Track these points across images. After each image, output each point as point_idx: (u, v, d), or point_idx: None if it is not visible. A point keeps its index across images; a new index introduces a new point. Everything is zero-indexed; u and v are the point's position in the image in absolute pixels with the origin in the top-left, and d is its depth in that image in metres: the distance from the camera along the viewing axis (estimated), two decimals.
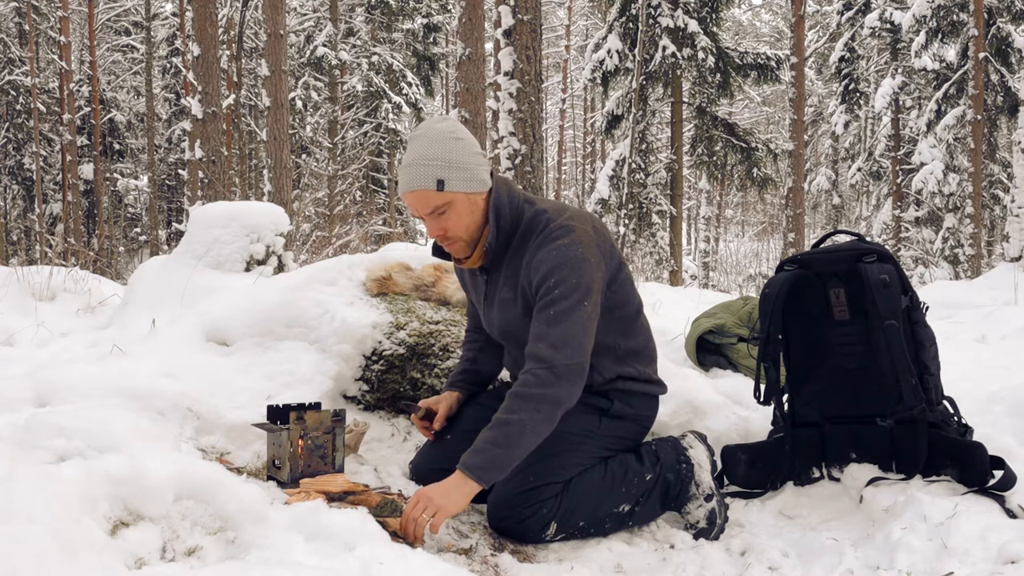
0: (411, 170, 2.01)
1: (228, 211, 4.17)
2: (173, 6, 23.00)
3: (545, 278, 2.02)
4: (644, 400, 2.27)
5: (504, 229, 2.11)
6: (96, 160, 22.02)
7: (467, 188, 2.03)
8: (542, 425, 1.95)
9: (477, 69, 7.91)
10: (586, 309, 2.01)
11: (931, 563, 1.82)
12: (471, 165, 2.03)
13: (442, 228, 2.06)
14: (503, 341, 2.29)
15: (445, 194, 2.01)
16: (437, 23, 20.61)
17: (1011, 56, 15.83)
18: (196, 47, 11.10)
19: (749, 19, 33.60)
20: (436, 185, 1.99)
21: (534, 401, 1.94)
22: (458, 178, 2.01)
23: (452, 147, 2.01)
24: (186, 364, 2.52)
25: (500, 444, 1.91)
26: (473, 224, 2.08)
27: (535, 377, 1.96)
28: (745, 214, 33.47)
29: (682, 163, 15.85)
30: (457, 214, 2.05)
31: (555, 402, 1.96)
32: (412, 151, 2.03)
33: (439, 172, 1.99)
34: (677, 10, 14.23)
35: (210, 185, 11.13)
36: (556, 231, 2.05)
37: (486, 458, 1.90)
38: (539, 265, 2.03)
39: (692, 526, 2.20)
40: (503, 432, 1.92)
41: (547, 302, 2.01)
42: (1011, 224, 8.70)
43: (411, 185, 2.01)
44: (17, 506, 1.33)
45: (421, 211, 2.04)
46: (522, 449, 1.94)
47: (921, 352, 2.24)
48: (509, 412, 1.94)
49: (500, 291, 2.17)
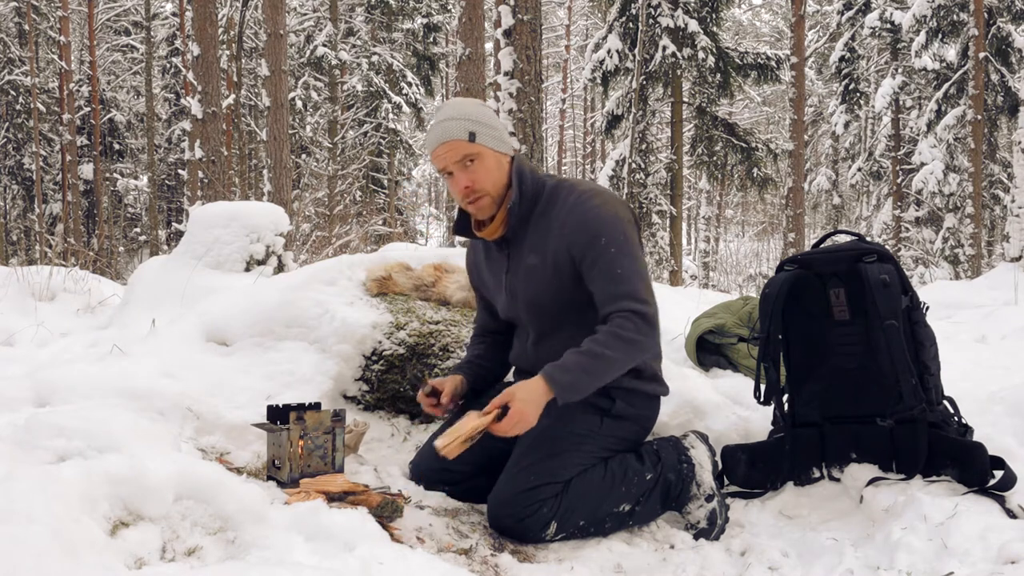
0: (443, 125, 2.13)
1: (228, 211, 4.17)
2: (173, 6, 23.00)
3: (593, 239, 2.10)
4: (646, 400, 2.27)
5: (527, 195, 2.19)
6: (96, 160, 22.02)
7: (495, 146, 2.15)
8: (627, 366, 2.09)
9: (477, 69, 7.91)
10: (643, 260, 2.13)
11: (931, 563, 1.82)
12: (498, 126, 2.17)
13: (470, 179, 2.13)
14: (521, 313, 2.26)
15: (475, 145, 2.12)
16: (437, 23, 20.61)
17: (1011, 56, 15.82)
18: (196, 47, 11.10)
19: (749, 19, 33.61)
20: (468, 136, 2.11)
21: (629, 344, 2.05)
22: (488, 134, 2.13)
23: (481, 110, 2.17)
24: (186, 364, 2.53)
25: (588, 372, 2.02)
26: (500, 181, 2.16)
27: (632, 323, 2.05)
28: (745, 214, 33.47)
29: (682, 163, 15.85)
30: (485, 167, 2.13)
31: (646, 349, 2.09)
32: (443, 112, 2.16)
33: (471, 126, 2.12)
34: (677, 10, 14.23)
35: (210, 185, 11.13)
36: (588, 194, 2.16)
37: (572, 379, 2.01)
38: (581, 227, 2.11)
39: (692, 526, 2.19)
40: (594, 363, 2.02)
41: (609, 260, 2.09)
42: (1011, 224, 8.70)
43: (443, 136, 2.12)
44: (17, 506, 1.33)
45: (450, 160, 2.12)
46: (602, 382, 2.06)
47: (921, 352, 2.23)
48: (605, 347, 2.03)
49: (526, 259, 2.20)
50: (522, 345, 2.33)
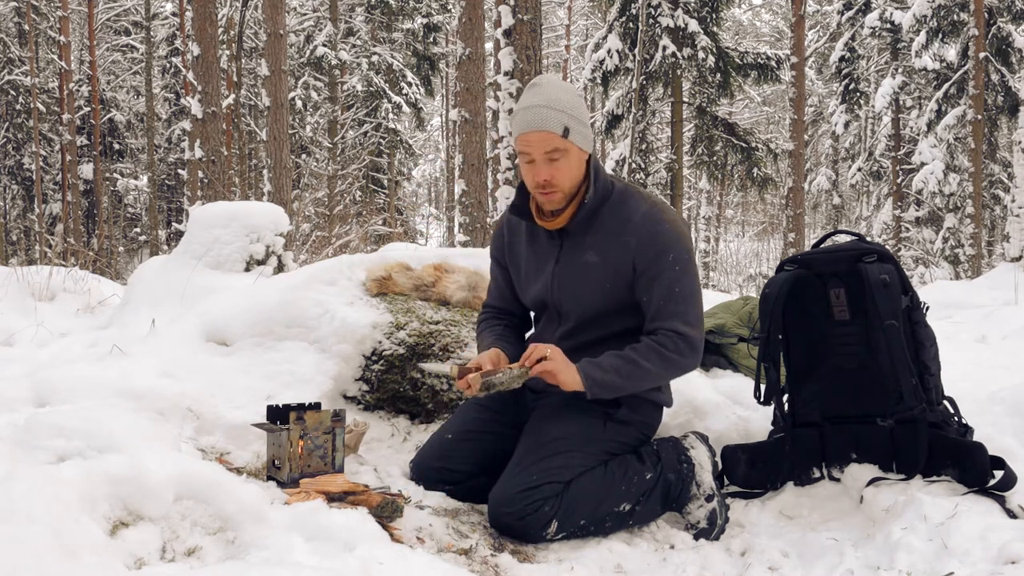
0: (541, 111, 2.08)
1: (228, 211, 4.17)
2: (173, 6, 22.99)
3: (663, 252, 2.13)
4: (650, 408, 2.28)
5: (599, 193, 2.20)
6: (96, 160, 22.01)
7: (583, 144, 2.15)
8: (661, 381, 2.19)
9: (477, 69, 7.91)
10: (699, 285, 2.21)
11: (931, 563, 1.82)
12: (587, 124, 2.16)
13: (551, 173, 2.12)
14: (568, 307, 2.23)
15: (567, 141, 2.10)
16: (437, 23, 20.60)
17: (1011, 56, 15.82)
18: (196, 47, 11.10)
19: (749, 19, 33.59)
20: (563, 131, 2.09)
21: (667, 363, 2.12)
22: (580, 132, 2.13)
23: (578, 103, 2.14)
24: (186, 364, 2.53)
25: (622, 376, 2.11)
26: (576, 179, 2.17)
27: (675, 344, 2.12)
28: (745, 214, 33.46)
29: (682, 163, 15.85)
30: (568, 164, 2.13)
31: (684, 370, 2.17)
32: (540, 94, 2.10)
33: (568, 120, 2.09)
34: (677, 10, 14.22)
35: (210, 185, 11.13)
36: (663, 207, 2.19)
37: (605, 378, 2.10)
38: (652, 239, 2.14)
39: (692, 526, 2.19)
40: (629, 369, 2.10)
41: (672, 278, 2.13)
42: (1011, 224, 8.70)
43: (538, 125, 2.08)
44: (17, 506, 1.33)
45: (538, 150, 2.10)
46: (634, 389, 2.15)
47: (921, 352, 2.23)
48: (644, 358, 2.11)
49: (585, 255, 2.20)
50: (549, 333, 2.30)
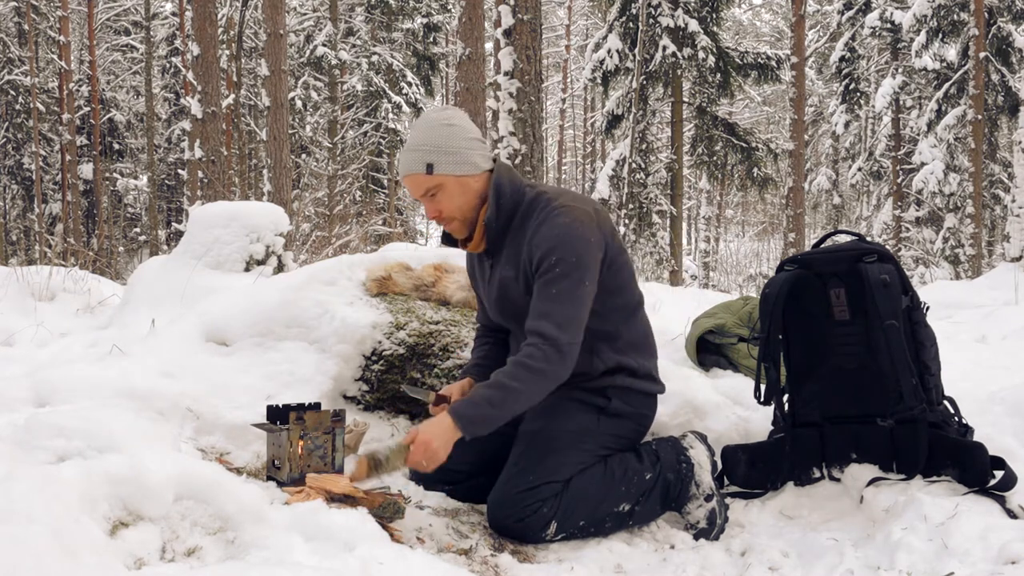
0: (405, 156, 2.17)
1: (228, 211, 4.17)
2: (173, 6, 22.99)
3: (546, 255, 2.09)
4: (642, 398, 2.27)
5: (504, 208, 2.19)
6: (96, 160, 22.01)
7: (456, 171, 2.14)
8: (536, 397, 2.07)
9: (477, 69, 7.91)
10: (586, 288, 2.09)
11: (931, 563, 1.82)
12: (461, 149, 2.14)
13: (436, 209, 2.17)
14: (504, 321, 2.30)
15: (434, 177, 2.13)
16: (437, 23, 20.60)
17: (1012, 56, 15.82)
18: (196, 47, 11.10)
19: (749, 19, 33.58)
20: (425, 169, 2.12)
21: (537, 375, 2.04)
22: (447, 161, 2.13)
23: (443, 132, 2.13)
24: (186, 364, 2.52)
25: (495, 405, 2.02)
26: (466, 205, 2.18)
27: (541, 352, 2.04)
28: (745, 214, 33.46)
29: (682, 163, 15.84)
30: (448, 195, 2.15)
31: (555, 379, 2.07)
32: (409, 139, 2.19)
33: (428, 156, 2.12)
34: (677, 10, 14.22)
35: (210, 185, 11.13)
36: (557, 210, 2.14)
37: (478, 413, 2.02)
38: (540, 242, 2.11)
39: (692, 526, 2.19)
40: (500, 395, 2.03)
41: (549, 279, 2.08)
42: (1012, 224, 8.70)
43: (404, 170, 2.16)
44: (17, 506, 1.33)
45: (415, 193, 2.17)
46: (511, 414, 2.06)
47: (921, 352, 2.23)
48: (511, 379, 2.04)
49: (502, 270, 2.22)
50: (515, 348, 2.34)
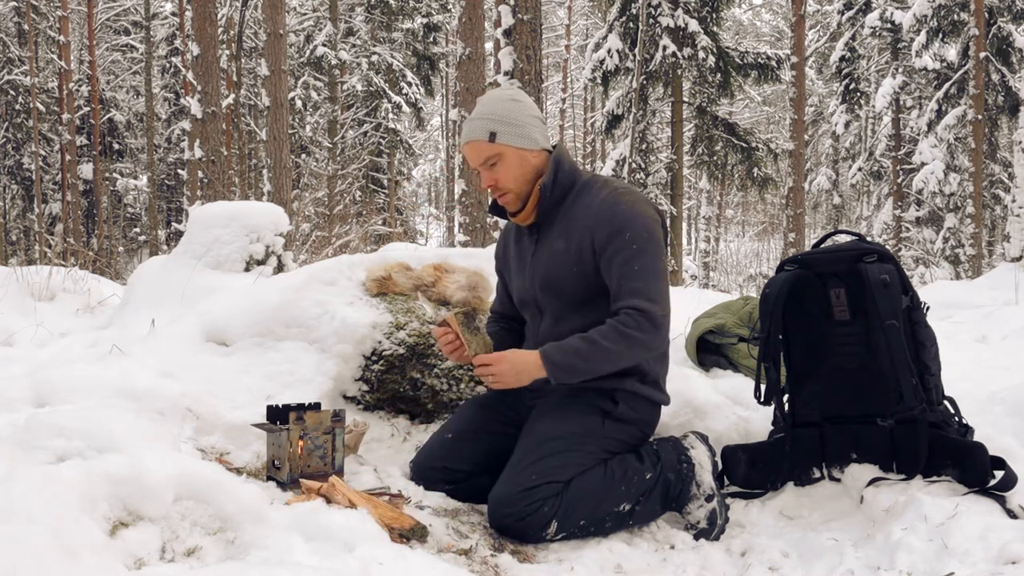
0: (468, 124, 2.23)
1: (228, 211, 4.17)
2: (172, 6, 22.98)
3: (617, 232, 2.14)
4: (648, 406, 2.28)
5: (561, 182, 2.24)
6: (95, 160, 22.00)
7: (517, 143, 2.20)
8: (625, 361, 2.14)
9: (477, 69, 7.91)
10: (663, 262, 2.16)
11: (931, 563, 1.82)
12: (523, 123, 2.21)
13: (493, 178, 2.22)
14: (542, 296, 2.28)
15: (496, 146, 2.19)
16: (437, 23, 20.59)
17: (1012, 56, 15.81)
18: (195, 47, 11.10)
19: (749, 19, 33.57)
20: (488, 137, 2.18)
21: (628, 340, 2.09)
22: (509, 133, 2.19)
23: (508, 107, 2.21)
24: (186, 364, 2.52)
25: (584, 357, 2.10)
26: (522, 177, 2.22)
27: (636, 321, 2.10)
28: (745, 214, 33.45)
29: (682, 163, 15.84)
30: (507, 166, 2.20)
31: (647, 347, 2.13)
32: (474, 111, 2.25)
33: (492, 126, 2.19)
34: (677, 10, 14.22)
35: (210, 185, 11.13)
36: (620, 191, 2.22)
37: (567, 362, 2.10)
38: (606, 218, 2.16)
39: (693, 526, 2.19)
40: (591, 350, 2.10)
41: (628, 256, 2.12)
42: (1012, 224, 8.70)
43: (467, 136, 2.22)
44: (17, 506, 1.33)
45: (474, 162, 2.23)
46: (599, 372, 2.13)
47: (922, 352, 2.23)
48: (605, 338, 2.10)
49: (553, 243, 2.25)
50: (532, 331, 2.35)
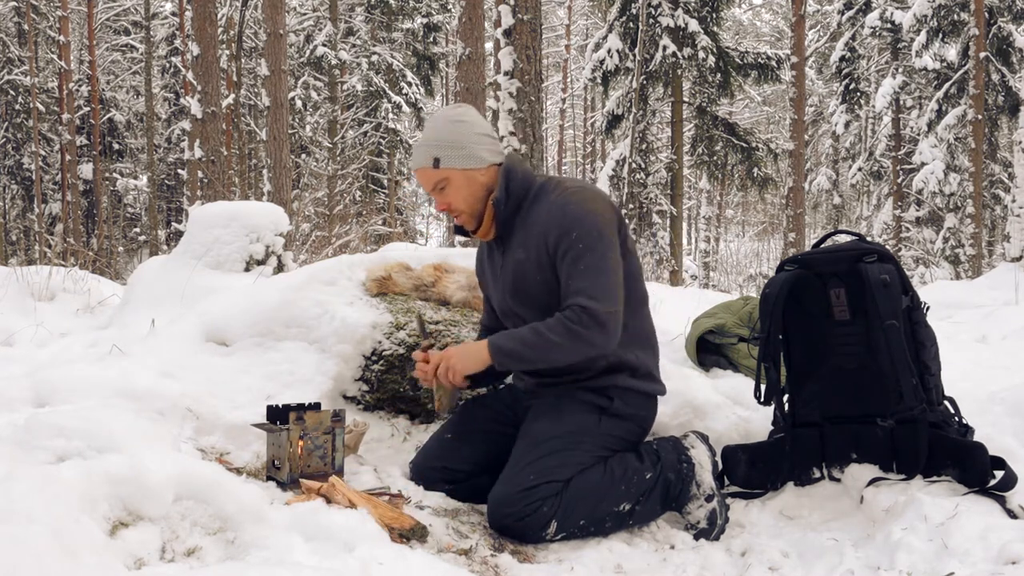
0: (415, 151, 2.26)
1: (228, 211, 4.17)
2: (172, 6, 22.98)
3: (565, 233, 2.14)
4: (643, 399, 2.28)
5: (514, 192, 2.24)
6: (95, 160, 22.00)
7: (463, 164, 2.21)
8: (570, 356, 2.15)
9: (477, 69, 7.91)
10: (614, 258, 2.15)
11: (932, 563, 1.82)
12: (467, 143, 2.21)
13: (445, 202, 2.25)
14: (518, 309, 2.29)
15: (441, 171, 2.21)
16: (437, 23, 20.60)
17: (1012, 56, 15.82)
18: (195, 47, 11.09)
19: (749, 19, 33.57)
20: (432, 163, 2.21)
21: (573, 336, 2.10)
22: (453, 155, 2.20)
23: (450, 129, 2.21)
24: (186, 364, 2.52)
25: (528, 346, 2.14)
26: (472, 197, 2.24)
27: (579, 317, 2.10)
28: (745, 214, 33.45)
29: (682, 163, 15.84)
30: (455, 188, 2.23)
31: (593, 345, 2.12)
32: (421, 135, 2.26)
33: (435, 151, 2.20)
34: (677, 9, 14.22)
35: (210, 185, 11.12)
36: (571, 191, 2.22)
37: (511, 348, 2.15)
38: (556, 221, 2.17)
39: (693, 526, 2.19)
40: (537, 341, 2.13)
41: (575, 256, 2.13)
42: (1012, 224, 8.70)
43: (414, 164, 2.26)
44: (17, 506, 1.33)
45: (425, 187, 2.26)
46: (543, 362, 2.17)
47: (922, 352, 2.23)
48: (551, 331, 2.12)
49: (514, 253, 2.26)
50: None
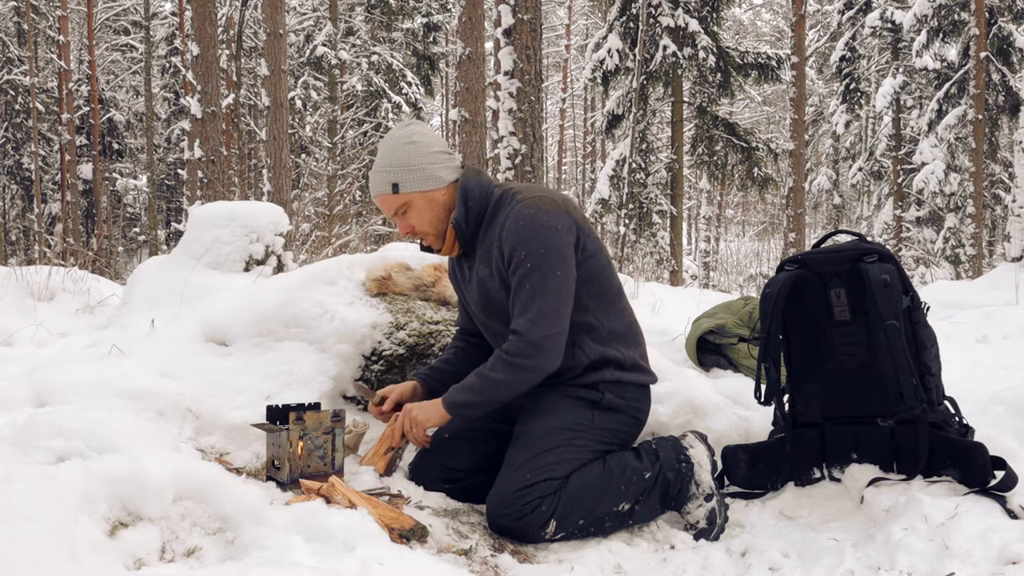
0: (373, 177, 2.23)
1: (227, 211, 4.16)
2: (172, 5, 22.99)
3: (515, 249, 2.13)
4: (634, 390, 2.27)
5: (473, 210, 2.22)
6: (95, 160, 22.00)
7: (422, 187, 2.19)
8: (519, 388, 2.17)
9: (477, 69, 7.90)
10: (559, 277, 2.12)
11: (932, 564, 1.82)
12: (424, 165, 2.19)
13: (408, 226, 2.24)
14: (489, 321, 2.30)
15: (401, 196, 2.20)
16: (437, 22, 20.61)
17: (1012, 55, 15.81)
18: (195, 46, 11.09)
19: (750, 18, 33.58)
20: (391, 189, 2.19)
21: (514, 368, 2.13)
22: (411, 179, 2.19)
23: (405, 151, 2.19)
24: (185, 364, 2.52)
25: (477, 392, 2.16)
26: (435, 218, 2.23)
27: (517, 348, 2.13)
28: (746, 214, 33.46)
29: (682, 163, 15.84)
30: (417, 211, 2.22)
31: (536, 371, 2.15)
32: (376, 160, 2.23)
33: (393, 176, 2.19)
34: (678, 9, 14.22)
35: (209, 185, 11.11)
36: (525, 203, 2.17)
37: (464, 399, 2.17)
38: (508, 236, 2.15)
39: (692, 526, 2.19)
40: (484, 385, 2.15)
41: (521, 276, 2.13)
42: (1012, 224, 8.70)
43: (374, 191, 2.24)
44: (17, 507, 1.33)
45: (387, 213, 2.25)
46: (497, 402, 2.19)
47: (922, 352, 2.23)
48: (493, 370, 2.15)
49: (478, 269, 2.25)
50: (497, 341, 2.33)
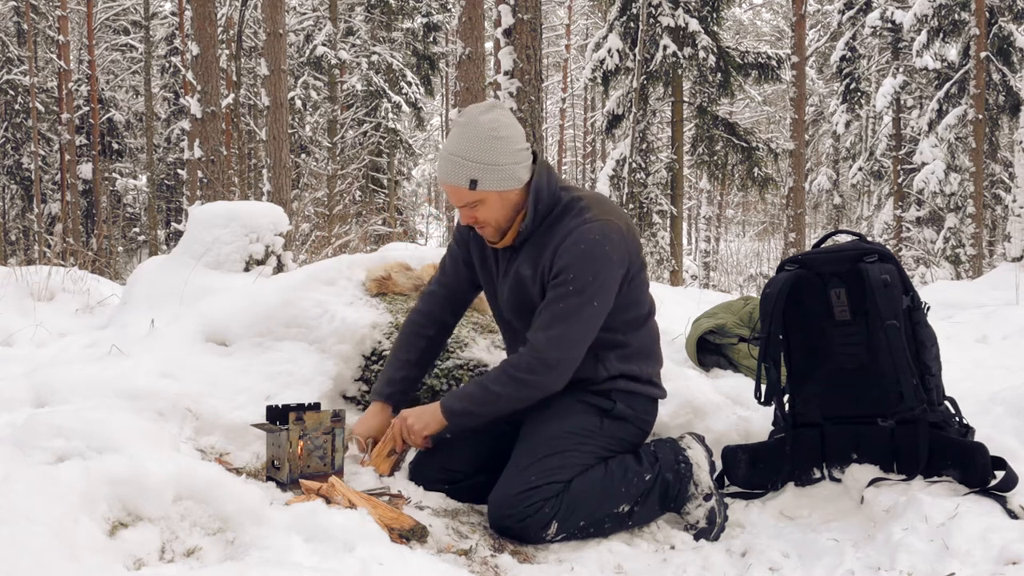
0: (448, 163, 2.10)
1: (227, 211, 4.16)
2: (172, 5, 22.98)
3: (566, 267, 2.08)
4: (645, 403, 2.28)
5: (541, 213, 2.17)
6: (95, 160, 21.98)
7: (500, 187, 2.10)
8: (520, 403, 2.14)
9: (477, 68, 7.90)
10: (595, 308, 2.09)
11: (932, 564, 1.82)
12: (507, 164, 2.10)
13: (472, 217, 2.15)
14: (513, 318, 2.27)
15: (477, 192, 2.10)
16: (437, 22, 20.60)
17: (1013, 55, 15.81)
18: (195, 46, 11.08)
19: (750, 18, 33.55)
20: (469, 184, 2.09)
21: (519, 383, 2.10)
22: (492, 178, 2.09)
23: (490, 147, 2.07)
24: (185, 364, 2.52)
25: (477, 403, 2.13)
26: (503, 216, 2.16)
27: (526, 363, 2.10)
28: (746, 214, 33.45)
29: (683, 163, 15.84)
30: (488, 208, 2.13)
31: (542, 389, 2.12)
32: (452, 142, 2.11)
33: (473, 172, 2.07)
34: (678, 9, 14.21)
35: (209, 185, 11.11)
36: (589, 222, 2.11)
37: (461, 407, 2.14)
38: (564, 253, 2.10)
39: (692, 526, 2.19)
40: (484, 396, 2.12)
41: (560, 293, 2.08)
42: (1012, 224, 8.71)
43: (445, 178, 2.12)
44: (16, 507, 1.33)
45: (455, 202, 2.15)
46: (493, 415, 2.15)
47: (922, 352, 2.23)
48: (495, 383, 2.12)
49: (520, 266, 2.20)
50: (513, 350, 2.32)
